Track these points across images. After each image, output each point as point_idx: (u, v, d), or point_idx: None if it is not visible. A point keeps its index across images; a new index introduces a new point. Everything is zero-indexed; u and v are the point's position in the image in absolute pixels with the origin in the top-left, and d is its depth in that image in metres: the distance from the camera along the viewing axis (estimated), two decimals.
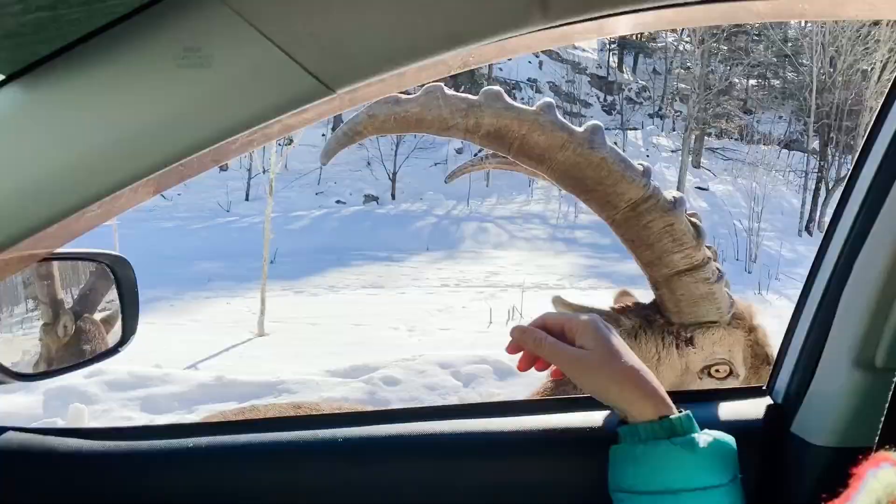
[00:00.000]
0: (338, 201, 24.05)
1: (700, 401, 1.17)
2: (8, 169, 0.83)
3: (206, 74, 0.80)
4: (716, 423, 1.13)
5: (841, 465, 1.02)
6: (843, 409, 1.01)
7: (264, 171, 11.80)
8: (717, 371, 1.69)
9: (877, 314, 0.98)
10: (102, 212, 1.01)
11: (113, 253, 1.33)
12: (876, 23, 22.97)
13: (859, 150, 1.06)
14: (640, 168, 1.71)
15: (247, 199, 23.85)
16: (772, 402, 1.16)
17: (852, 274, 1.03)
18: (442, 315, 12.22)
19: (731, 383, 1.69)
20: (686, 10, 0.95)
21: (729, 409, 1.15)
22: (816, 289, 1.10)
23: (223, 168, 24.25)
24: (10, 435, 1.16)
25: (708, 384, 1.69)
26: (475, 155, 26.08)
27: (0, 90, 0.82)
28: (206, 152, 0.90)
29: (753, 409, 1.14)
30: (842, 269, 1.04)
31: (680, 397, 1.21)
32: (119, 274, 1.33)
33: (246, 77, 0.82)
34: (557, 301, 1.88)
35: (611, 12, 0.82)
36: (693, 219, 1.71)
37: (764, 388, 1.20)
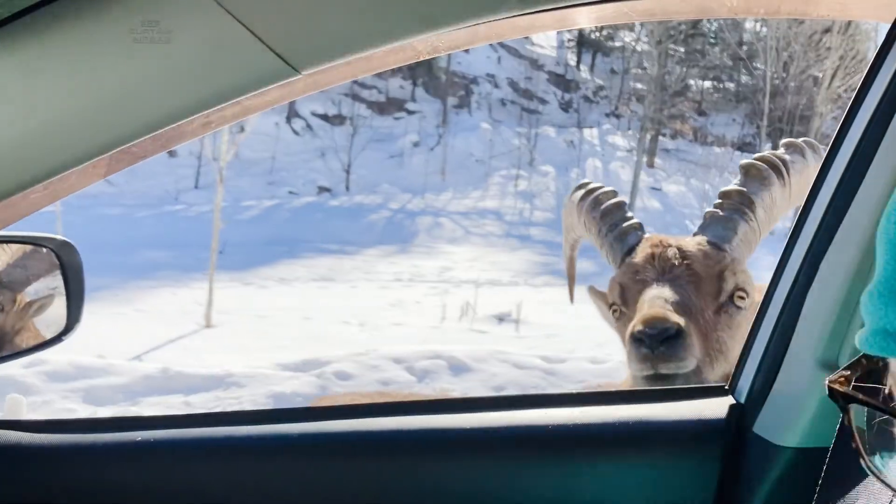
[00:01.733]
0: (290, 192, 23.77)
1: (662, 399, 1.17)
2: None
3: (164, 50, 0.76)
4: (678, 422, 1.12)
5: (803, 465, 1.02)
6: (807, 410, 1.01)
7: (214, 159, 11.60)
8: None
9: (842, 316, 0.99)
10: (49, 192, 0.96)
11: (59, 237, 1.28)
12: (827, 30, 23.58)
13: (826, 152, 1.07)
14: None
15: (196, 186, 23.42)
16: (734, 401, 1.16)
17: (818, 275, 1.03)
18: (394, 310, 12.18)
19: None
20: (662, 2, 0.93)
21: (691, 408, 1.14)
22: (781, 289, 1.10)
23: (172, 155, 23.79)
24: None
25: None
26: (431, 149, 26.03)
27: None
28: (161, 133, 0.86)
29: (716, 408, 1.14)
30: (807, 271, 1.05)
31: (642, 396, 1.20)
32: (65, 260, 1.28)
33: (207, 54, 0.78)
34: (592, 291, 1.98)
35: (588, 0, 0.80)
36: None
37: (726, 387, 1.21)
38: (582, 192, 1.96)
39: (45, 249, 1.28)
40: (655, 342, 1.38)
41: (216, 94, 0.83)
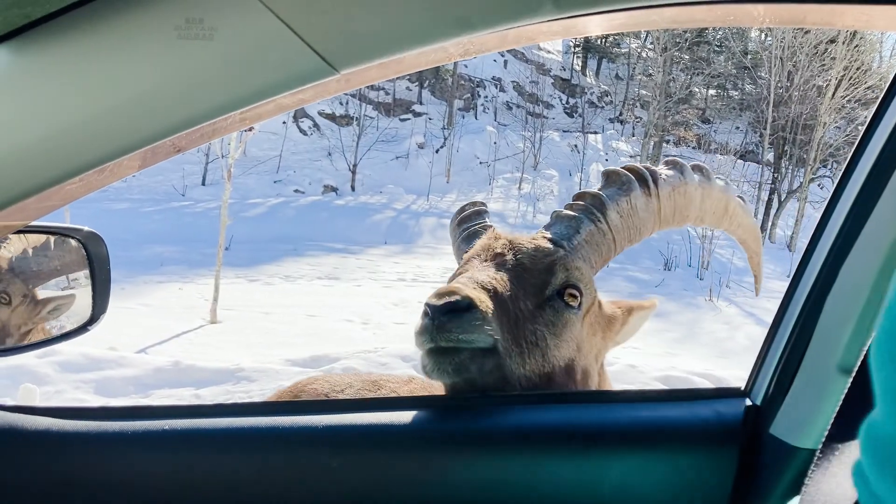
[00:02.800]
0: (296, 190, 23.80)
1: (679, 400, 1.18)
2: None
3: (207, 47, 0.77)
4: (696, 422, 1.14)
5: None
6: (825, 413, 1.02)
7: (222, 157, 11.62)
8: None
9: (861, 320, 1.00)
10: (84, 184, 0.98)
11: (86, 228, 1.29)
12: (832, 40, 23.54)
13: (848, 158, 1.08)
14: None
15: (203, 183, 23.46)
16: (751, 403, 1.18)
17: (837, 280, 1.04)
18: (397, 309, 12.19)
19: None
20: (688, 10, 0.95)
21: (708, 409, 1.16)
22: (799, 294, 1.12)
23: None
24: None
25: None
26: (436, 151, 26.06)
27: None
28: (199, 128, 0.88)
29: (732, 409, 1.16)
30: (827, 276, 1.06)
31: (661, 396, 1.22)
32: (92, 250, 1.30)
33: (249, 52, 0.80)
34: None
35: (624, 7, 0.82)
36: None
37: (743, 389, 1.22)
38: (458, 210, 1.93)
39: (72, 240, 1.30)
40: (438, 313, 1.32)
41: (257, 90, 0.84)
